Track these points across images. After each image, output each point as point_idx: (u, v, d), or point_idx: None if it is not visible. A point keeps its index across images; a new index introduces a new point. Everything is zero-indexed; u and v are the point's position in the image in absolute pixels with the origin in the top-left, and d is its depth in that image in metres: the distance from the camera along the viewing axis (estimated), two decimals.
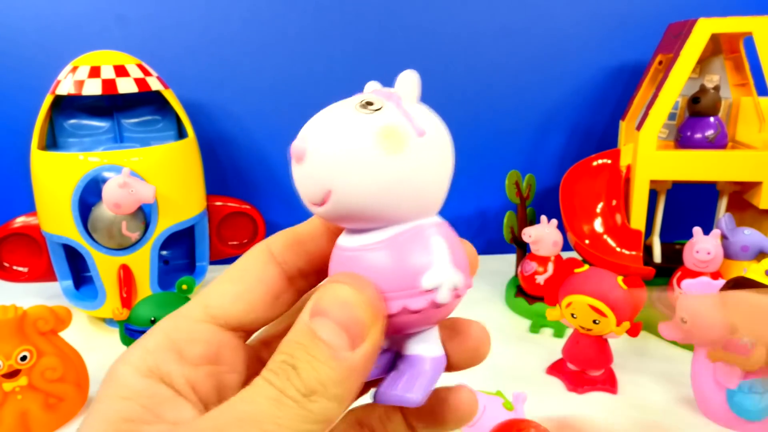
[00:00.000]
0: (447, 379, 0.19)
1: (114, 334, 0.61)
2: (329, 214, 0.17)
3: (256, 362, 0.19)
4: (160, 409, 0.16)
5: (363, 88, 0.20)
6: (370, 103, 0.18)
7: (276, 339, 0.19)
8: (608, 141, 0.78)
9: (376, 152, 0.16)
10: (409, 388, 0.17)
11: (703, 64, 0.67)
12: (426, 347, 0.18)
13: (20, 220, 0.64)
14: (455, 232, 0.18)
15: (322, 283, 0.18)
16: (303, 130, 0.18)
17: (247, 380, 0.18)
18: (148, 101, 0.65)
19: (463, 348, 0.19)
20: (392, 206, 0.16)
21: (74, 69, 0.58)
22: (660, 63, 0.67)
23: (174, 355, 0.17)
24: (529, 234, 0.62)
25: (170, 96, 0.63)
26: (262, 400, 0.14)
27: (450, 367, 0.19)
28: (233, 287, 0.18)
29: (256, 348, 0.19)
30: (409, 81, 0.19)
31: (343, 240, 0.17)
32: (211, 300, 0.18)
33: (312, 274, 0.19)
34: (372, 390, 0.18)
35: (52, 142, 0.64)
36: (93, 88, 0.57)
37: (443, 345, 0.18)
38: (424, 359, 0.18)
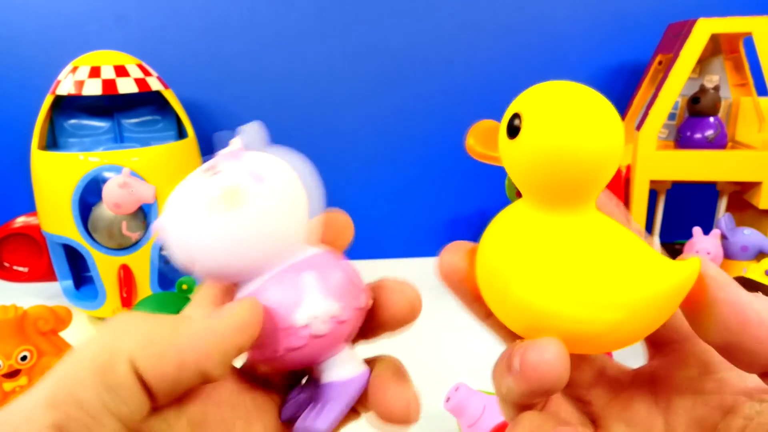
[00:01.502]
0: (447, 379, 0.19)
1: None
2: (202, 277, 0.18)
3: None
4: None
5: (362, 88, 0.21)
6: (211, 168, 0.19)
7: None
8: None
9: (218, 213, 0.17)
10: (315, 418, 0.18)
11: (703, 64, 0.67)
12: (337, 372, 0.19)
13: (20, 220, 0.64)
14: (339, 257, 0.19)
15: None
16: (163, 211, 0.19)
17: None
18: (148, 101, 0.65)
19: (390, 301, 0.20)
20: (252, 255, 0.18)
21: (74, 69, 0.58)
22: (660, 63, 0.67)
23: None
24: None
25: (170, 96, 0.63)
26: None
27: (383, 324, 0.20)
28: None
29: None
30: (251, 133, 0.20)
31: (238, 293, 0.19)
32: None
33: None
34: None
35: (52, 142, 0.64)
36: (93, 88, 0.57)
37: (372, 301, 0.19)
38: (332, 386, 0.18)
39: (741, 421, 0.16)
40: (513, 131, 0.16)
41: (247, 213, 0.17)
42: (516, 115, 0.16)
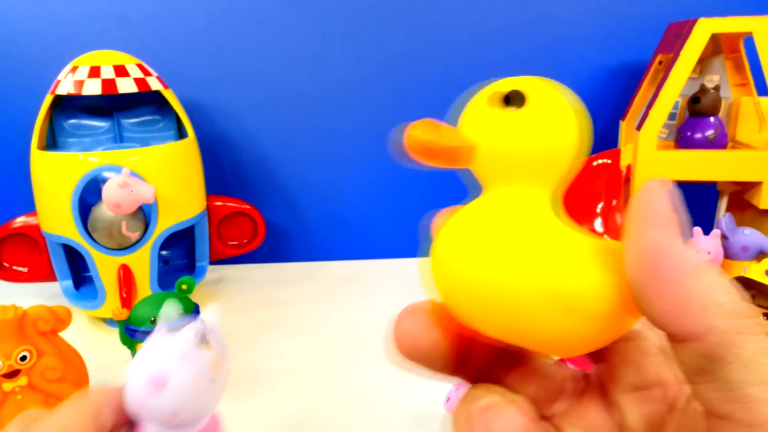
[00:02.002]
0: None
1: (114, 334, 0.61)
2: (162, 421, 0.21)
3: None
4: None
5: (362, 88, 0.21)
6: (202, 340, 0.21)
7: None
8: (608, 141, 0.78)
9: (215, 379, 0.21)
10: None
11: (703, 64, 0.67)
12: None
13: (20, 220, 0.64)
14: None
15: None
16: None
17: None
18: (148, 101, 0.65)
19: None
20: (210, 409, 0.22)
21: (74, 69, 0.58)
22: (660, 63, 0.67)
23: None
24: None
25: (170, 96, 0.63)
26: None
27: None
28: None
29: None
30: (211, 317, 0.22)
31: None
32: None
33: None
34: None
35: (52, 142, 0.64)
36: (93, 88, 0.57)
37: None
38: None
39: (679, 414, 0.16)
40: (516, 102, 0.16)
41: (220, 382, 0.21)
42: (515, 92, 0.16)
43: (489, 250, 0.16)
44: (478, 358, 0.19)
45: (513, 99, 0.16)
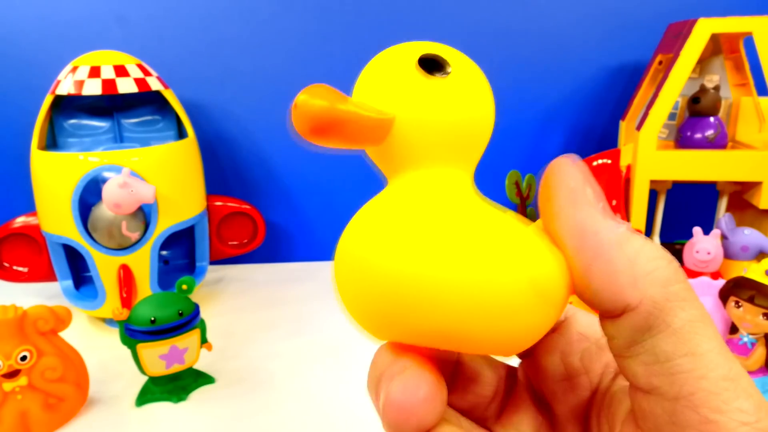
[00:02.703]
0: None
1: (114, 334, 0.61)
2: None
3: None
4: None
5: None
6: None
7: None
8: (608, 141, 0.78)
9: None
10: None
11: (703, 64, 0.67)
12: None
13: (20, 220, 0.64)
14: None
15: None
16: None
17: None
18: (148, 101, 0.65)
19: None
20: None
21: (74, 69, 0.58)
22: (660, 63, 0.67)
23: None
24: None
25: (170, 96, 0.63)
26: None
27: None
28: None
29: None
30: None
31: None
32: None
33: None
34: None
35: (52, 142, 0.64)
36: (93, 88, 0.57)
37: None
38: None
39: (601, 397, 0.16)
40: (439, 70, 0.14)
41: None
42: (433, 58, 0.14)
43: (425, 245, 0.13)
44: None
45: (436, 66, 0.14)
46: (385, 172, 0.15)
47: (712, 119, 0.62)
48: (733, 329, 0.47)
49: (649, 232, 0.69)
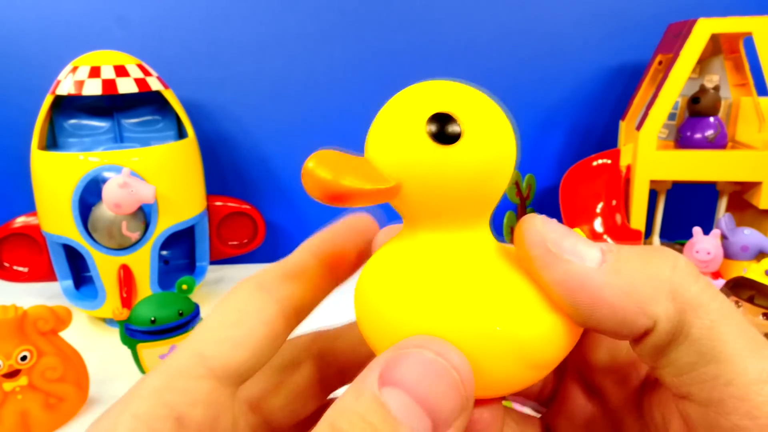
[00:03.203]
0: None
1: (114, 334, 0.61)
2: None
3: (241, 426, 0.17)
4: None
5: (363, 88, 0.20)
6: None
7: (263, 397, 0.17)
8: (608, 141, 0.78)
9: None
10: None
11: (703, 64, 0.67)
12: None
13: (20, 220, 0.64)
14: None
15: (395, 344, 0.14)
16: None
17: None
18: (148, 101, 0.65)
19: None
20: None
21: (74, 69, 0.58)
22: (660, 63, 0.67)
23: (172, 424, 0.14)
24: None
25: (170, 96, 0.63)
26: None
27: None
28: (233, 332, 0.15)
29: (239, 406, 0.17)
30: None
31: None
32: (208, 349, 0.15)
33: (306, 310, 0.17)
34: None
35: (52, 142, 0.64)
36: (93, 88, 0.57)
37: None
38: None
39: (658, 389, 0.16)
40: (448, 137, 0.13)
41: None
42: (445, 117, 0.13)
43: (427, 306, 0.13)
44: None
45: (445, 131, 0.13)
46: (401, 215, 0.15)
47: (712, 119, 0.62)
48: None
49: (649, 232, 0.69)
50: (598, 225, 0.64)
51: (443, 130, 0.13)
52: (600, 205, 0.65)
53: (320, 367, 0.18)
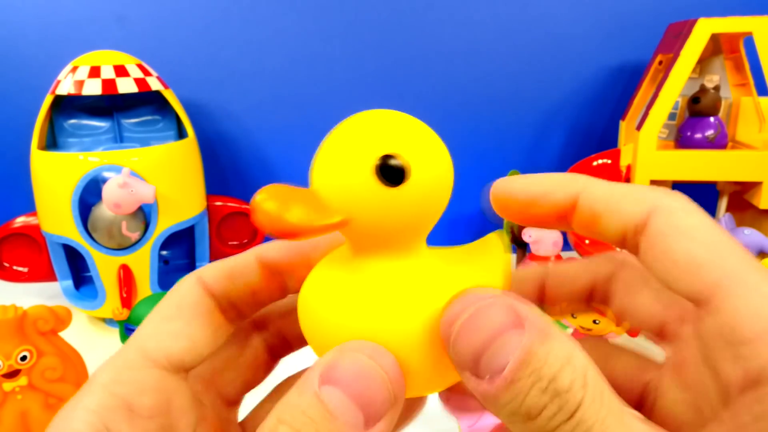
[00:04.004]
0: None
1: (114, 334, 0.61)
2: None
3: (198, 402, 0.18)
4: None
5: (362, 88, 0.20)
6: None
7: (215, 374, 0.19)
8: (608, 141, 0.78)
9: None
10: None
11: (703, 64, 0.67)
12: None
13: (20, 220, 0.64)
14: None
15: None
16: None
17: (197, 424, 0.17)
18: (148, 101, 0.65)
19: None
20: None
21: (74, 69, 0.58)
22: (660, 63, 0.67)
23: (123, 413, 0.15)
24: (529, 234, 0.62)
25: (170, 96, 0.63)
26: None
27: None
28: (170, 325, 0.16)
29: (193, 385, 0.18)
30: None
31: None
32: (149, 342, 0.16)
33: (243, 306, 0.18)
34: None
35: (52, 142, 0.64)
36: (93, 88, 0.57)
37: None
38: None
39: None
40: (395, 179, 0.14)
41: None
42: (392, 159, 0.14)
43: (371, 312, 0.14)
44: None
45: (393, 174, 0.14)
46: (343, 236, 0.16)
47: (712, 119, 0.62)
48: None
49: None
50: None
51: (390, 172, 0.14)
52: None
53: (266, 338, 0.20)
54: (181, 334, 0.16)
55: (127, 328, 0.48)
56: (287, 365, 0.21)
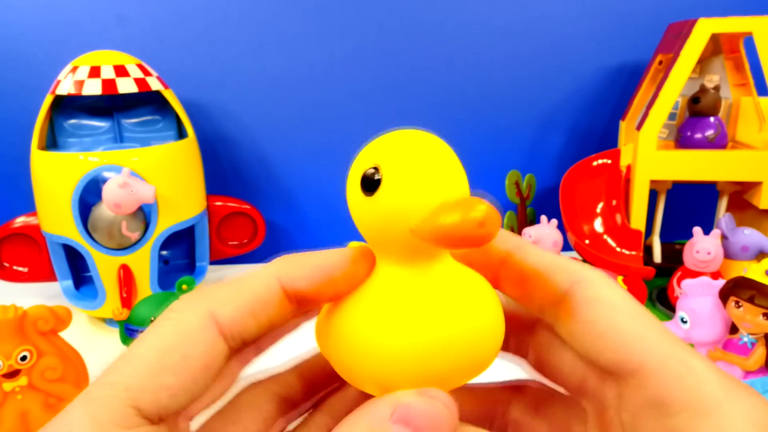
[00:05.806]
0: None
1: (114, 334, 0.61)
2: None
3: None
4: None
5: (362, 88, 0.20)
6: None
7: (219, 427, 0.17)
8: (608, 141, 0.78)
9: None
10: None
11: (703, 64, 0.67)
12: None
13: (20, 220, 0.64)
14: None
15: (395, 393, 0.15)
16: None
17: None
18: (148, 101, 0.65)
19: None
20: None
21: (74, 69, 0.58)
22: (660, 63, 0.67)
23: None
24: (529, 234, 0.62)
25: (170, 96, 0.63)
26: None
27: None
28: (172, 378, 0.14)
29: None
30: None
31: None
32: (143, 396, 0.14)
33: (257, 341, 0.17)
34: None
35: (52, 142, 0.64)
36: (93, 88, 0.57)
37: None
38: None
39: None
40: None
41: None
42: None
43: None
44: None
45: (368, 183, 0.15)
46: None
47: (712, 119, 0.62)
48: (733, 329, 0.47)
49: (649, 232, 0.69)
50: (598, 225, 0.64)
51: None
52: (600, 205, 0.65)
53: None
54: (184, 390, 0.14)
55: (127, 328, 0.48)
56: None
